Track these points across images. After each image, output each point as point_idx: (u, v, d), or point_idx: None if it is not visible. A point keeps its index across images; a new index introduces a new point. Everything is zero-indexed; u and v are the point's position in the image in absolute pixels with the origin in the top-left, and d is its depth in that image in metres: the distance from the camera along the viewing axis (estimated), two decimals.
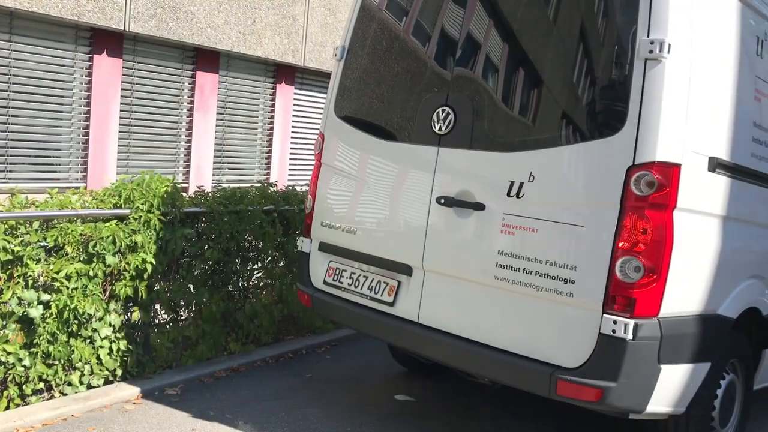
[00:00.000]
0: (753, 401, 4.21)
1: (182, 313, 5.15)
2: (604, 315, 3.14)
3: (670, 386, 3.32)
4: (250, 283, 5.67)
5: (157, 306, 4.97)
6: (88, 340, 4.43)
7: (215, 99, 9.90)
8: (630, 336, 3.08)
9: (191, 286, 5.03)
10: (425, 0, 4.11)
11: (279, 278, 5.72)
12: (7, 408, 4.10)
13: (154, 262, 4.59)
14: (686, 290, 3.34)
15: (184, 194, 5.11)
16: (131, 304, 4.73)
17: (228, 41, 9.44)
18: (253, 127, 10.73)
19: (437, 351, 3.79)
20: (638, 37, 3.14)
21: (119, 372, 4.62)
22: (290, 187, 6.12)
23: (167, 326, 5.06)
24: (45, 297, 4.21)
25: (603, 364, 3.14)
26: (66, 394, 4.34)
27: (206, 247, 5.08)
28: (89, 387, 4.45)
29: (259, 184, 5.80)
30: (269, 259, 5.69)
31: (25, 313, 4.15)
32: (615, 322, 3.10)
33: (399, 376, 5.31)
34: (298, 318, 5.89)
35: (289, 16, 10.30)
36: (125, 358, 4.64)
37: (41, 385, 4.29)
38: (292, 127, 11.31)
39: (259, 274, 5.73)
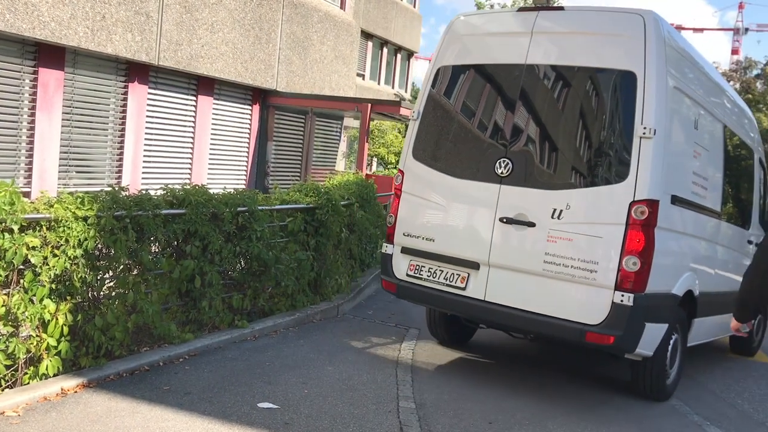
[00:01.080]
0: (686, 353, 6.41)
1: (24, 327, 4.76)
2: (616, 291, 5.08)
3: (649, 336, 5.29)
4: (101, 293, 5.34)
5: None
6: None
7: (60, 98, 9.29)
8: (631, 303, 5.02)
9: (34, 298, 4.67)
10: (486, 84, 6.02)
11: (132, 287, 5.42)
12: None
13: None
14: (659, 277, 5.25)
15: (27, 200, 4.74)
16: None
17: (75, 37, 8.88)
18: (103, 128, 10.18)
19: (500, 317, 5.63)
20: (636, 124, 5.15)
21: None
22: (144, 191, 5.83)
23: (7, 342, 4.65)
24: None
25: (615, 321, 5.06)
26: None
27: (51, 256, 4.73)
28: None
29: (109, 188, 5.48)
30: (121, 267, 5.39)
31: None
32: (623, 295, 5.04)
33: (262, 384, 5.22)
34: (153, 328, 5.62)
35: (142, 12, 9.86)
36: None
37: None
38: (146, 128, 10.85)
39: (111, 284, 5.42)
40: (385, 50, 25.48)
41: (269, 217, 6.99)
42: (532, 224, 5.43)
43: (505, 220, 5.54)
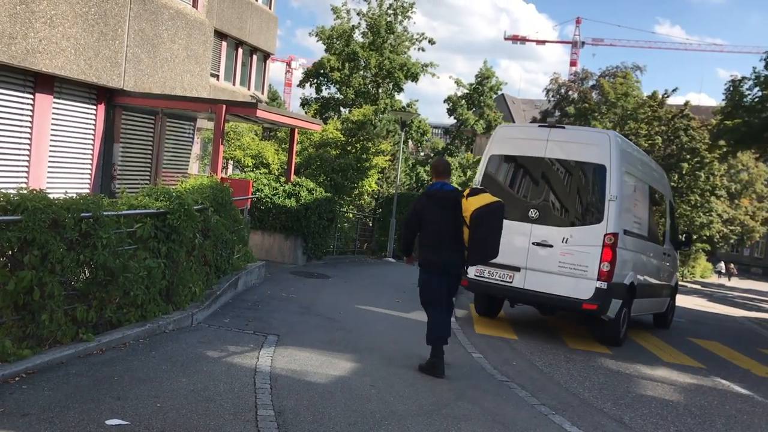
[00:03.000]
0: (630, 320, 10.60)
1: None
2: (597, 281, 8.98)
3: (613, 306, 9.19)
4: None
5: None
6: None
7: None
8: (605, 287, 8.97)
9: None
10: (521, 167, 9.97)
11: None
12: None
13: None
14: (618, 273, 9.16)
15: None
16: None
17: None
18: None
19: (532, 298, 9.57)
20: (606, 193, 9.15)
21: None
22: None
23: None
24: None
25: (596, 297, 8.98)
26: None
27: None
28: None
29: None
30: None
31: None
32: (600, 283, 8.96)
33: (111, 400, 4.91)
34: None
35: None
36: None
37: None
38: None
39: None
40: (240, 51, 24.99)
41: (116, 223, 6.60)
42: (551, 245, 9.45)
43: (535, 243, 9.54)
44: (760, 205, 62.42)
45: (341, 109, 32.85)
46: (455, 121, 37.85)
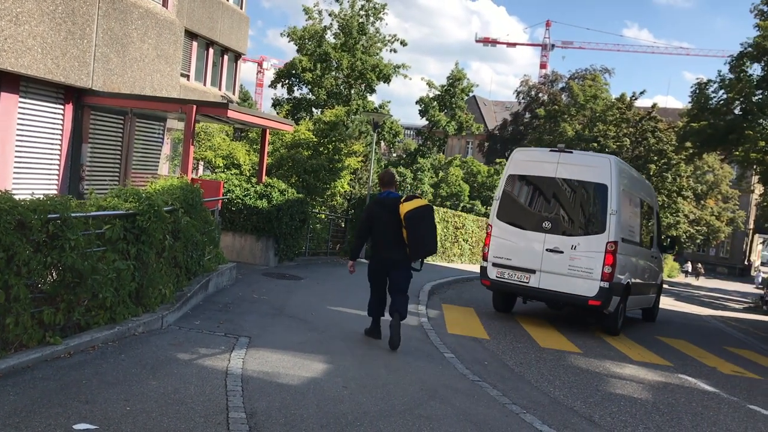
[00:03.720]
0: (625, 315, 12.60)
1: None
2: (600, 281, 10.57)
3: (613, 302, 10.89)
4: None
5: None
6: None
7: None
8: (607, 287, 10.56)
9: None
10: (535, 185, 11.46)
11: None
12: None
13: None
14: (617, 275, 10.77)
15: None
16: None
17: None
18: None
19: (546, 296, 11.17)
20: (608, 208, 10.74)
21: None
22: None
23: None
24: None
25: (600, 294, 10.58)
26: None
27: None
28: None
29: None
30: None
31: None
32: (603, 283, 10.55)
33: (79, 404, 4.84)
34: None
35: None
36: None
37: None
38: None
39: None
40: (211, 51, 24.80)
41: (84, 224, 6.51)
42: (562, 252, 10.96)
43: (548, 249, 11.05)
44: (725, 205, 63.65)
45: (313, 109, 32.76)
46: (427, 122, 37.96)
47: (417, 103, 37.46)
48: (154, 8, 13.97)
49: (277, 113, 31.45)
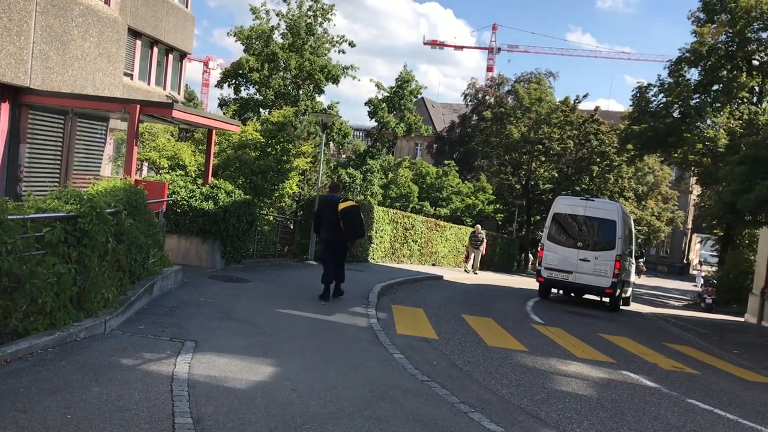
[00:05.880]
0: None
1: None
2: (612, 278, 17.34)
3: (618, 290, 18.02)
4: None
5: None
6: None
7: None
8: (615, 281, 17.40)
9: None
10: (571, 219, 18.24)
11: None
12: None
13: None
14: (620, 274, 17.67)
15: None
16: None
17: None
18: None
19: (580, 288, 18.30)
20: (616, 234, 17.53)
21: None
22: None
23: None
24: None
25: (612, 285, 17.40)
26: None
27: None
28: None
29: None
30: None
31: None
32: (613, 279, 17.34)
33: (16, 414, 4.67)
34: None
35: None
36: None
37: None
38: None
39: None
40: (155, 50, 24.31)
41: (22, 227, 6.29)
42: (589, 260, 17.28)
43: (580, 259, 17.37)
44: (664, 206, 65.58)
45: (261, 110, 32.41)
46: (376, 123, 37.99)
47: (366, 104, 37.46)
48: (96, 5, 13.63)
49: (224, 113, 31.01)
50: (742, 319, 22.04)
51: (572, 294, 19.59)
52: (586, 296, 20.00)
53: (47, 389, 5.26)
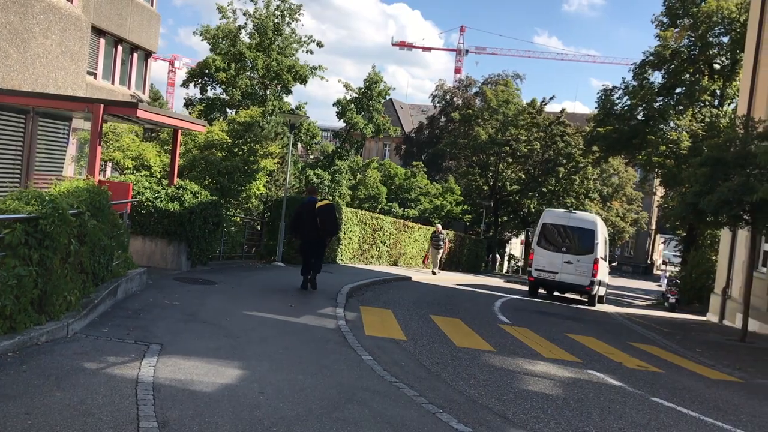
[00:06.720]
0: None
1: None
2: (591, 277, 20.88)
3: (596, 288, 21.50)
4: None
5: None
6: None
7: None
8: (594, 279, 20.95)
9: None
10: (557, 228, 21.84)
11: None
12: None
13: None
14: (598, 274, 21.31)
15: None
16: None
17: None
18: None
19: (563, 285, 21.69)
20: (595, 240, 21.17)
21: None
22: None
23: None
24: None
25: (590, 284, 20.96)
26: None
27: None
28: None
29: None
30: None
31: None
32: (592, 278, 20.89)
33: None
34: None
35: None
36: None
37: None
38: None
39: None
40: (120, 48, 23.95)
41: None
42: (571, 263, 20.74)
43: (565, 261, 20.80)
44: (629, 207, 66.59)
45: (227, 110, 32.15)
46: (345, 124, 37.95)
47: (334, 105, 37.39)
48: (58, 3, 13.37)
49: (190, 113, 30.68)
50: (704, 318, 22.47)
51: (556, 293, 22.97)
52: (567, 294, 23.33)
53: (7, 395, 5.13)
